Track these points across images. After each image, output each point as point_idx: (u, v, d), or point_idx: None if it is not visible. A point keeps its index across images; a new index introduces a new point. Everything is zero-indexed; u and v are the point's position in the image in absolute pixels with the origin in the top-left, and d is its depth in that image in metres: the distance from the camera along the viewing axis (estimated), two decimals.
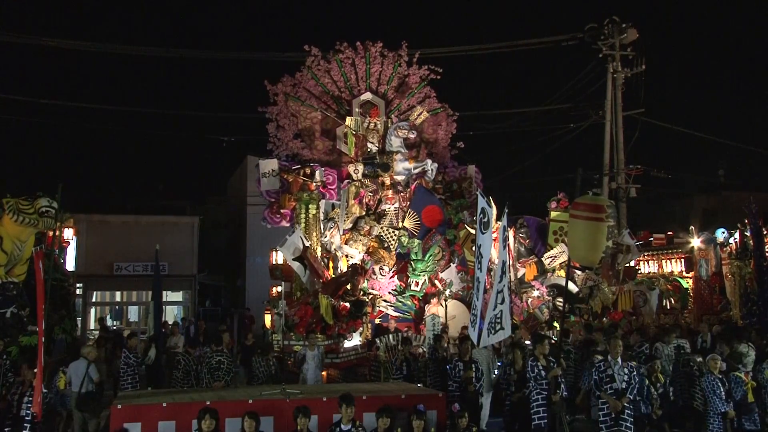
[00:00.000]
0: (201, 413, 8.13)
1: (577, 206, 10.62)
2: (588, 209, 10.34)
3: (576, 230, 10.68)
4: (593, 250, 10.37)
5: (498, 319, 10.34)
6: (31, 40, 22.44)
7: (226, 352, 12.21)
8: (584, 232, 10.39)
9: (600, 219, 10.16)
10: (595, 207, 10.35)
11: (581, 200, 10.77)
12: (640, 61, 23.61)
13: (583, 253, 10.78)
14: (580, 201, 10.72)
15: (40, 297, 8.82)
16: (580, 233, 10.55)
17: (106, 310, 29.99)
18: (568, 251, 11.77)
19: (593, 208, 10.31)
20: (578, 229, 10.56)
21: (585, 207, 10.43)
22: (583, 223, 10.41)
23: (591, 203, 10.51)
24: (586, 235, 10.36)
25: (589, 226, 10.29)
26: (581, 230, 10.50)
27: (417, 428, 8.61)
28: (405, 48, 18.29)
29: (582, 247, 10.61)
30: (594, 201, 10.67)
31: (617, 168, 23.51)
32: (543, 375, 9.86)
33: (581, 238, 10.55)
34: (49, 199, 12.43)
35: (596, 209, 10.29)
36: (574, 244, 10.90)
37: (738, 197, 25.68)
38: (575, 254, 11.06)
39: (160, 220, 29.23)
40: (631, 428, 9.41)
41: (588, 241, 10.36)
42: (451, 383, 11.21)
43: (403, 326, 15.89)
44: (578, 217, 10.48)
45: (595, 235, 10.22)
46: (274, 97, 17.86)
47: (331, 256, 16.71)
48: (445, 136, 18.83)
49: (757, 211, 17.25)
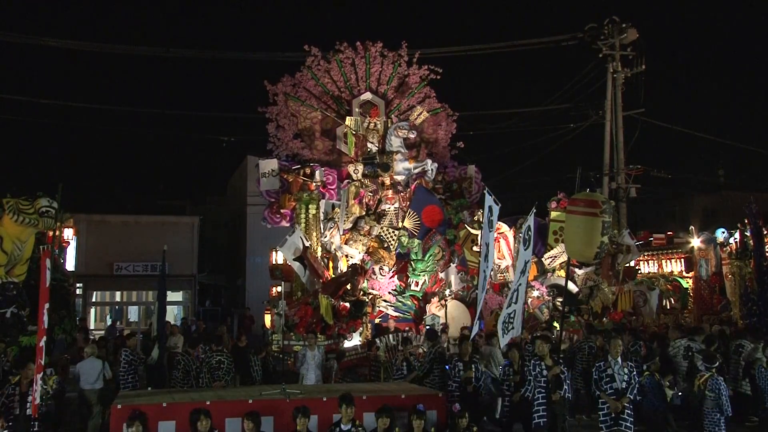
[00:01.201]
0: (195, 415, 8.12)
1: (574, 202, 10.70)
2: (583, 204, 10.39)
3: (572, 225, 10.82)
4: (588, 245, 10.38)
5: (511, 318, 10.39)
6: (31, 40, 22.45)
7: (226, 352, 12.22)
8: (579, 227, 10.47)
9: (594, 214, 10.20)
10: (590, 202, 10.39)
11: (578, 196, 10.85)
12: (640, 61, 23.62)
13: (577, 248, 10.85)
14: (577, 197, 10.81)
15: (43, 296, 8.81)
16: (575, 228, 10.67)
17: (106, 310, 30.02)
18: (565, 247, 11.84)
19: (588, 204, 10.35)
20: (574, 224, 10.68)
21: (581, 202, 10.49)
22: (578, 218, 10.49)
23: (586, 198, 10.57)
24: (581, 230, 10.43)
25: (584, 221, 10.35)
26: (576, 225, 10.62)
27: (417, 428, 8.61)
28: (405, 48, 18.29)
29: (577, 241, 10.70)
30: (589, 196, 10.72)
31: (617, 168, 23.52)
32: (544, 374, 9.86)
33: (576, 233, 10.64)
34: (49, 199, 12.42)
35: (591, 204, 10.33)
36: (569, 239, 11.02)
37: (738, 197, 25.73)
38: (570, 249, 11.14)
39: (160, 220, 29.26)
40: (631, 428, 9.40)
41: (583, 236, 10.41)
42: (450, 383, 11.21)
43: (403, 326, 15.88)
44: (574, 213, 10.57)
45: (589, 229, 10.26)
46: (274, 97, 17.85)
47: (331, 256, 16.72)
48: (445, 136, 18.83)
49: (757, 211, 17.26)
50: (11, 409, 9.18)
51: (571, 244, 10.91)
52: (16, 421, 9.16)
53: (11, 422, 9.13)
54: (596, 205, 10.30)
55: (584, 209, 10.31)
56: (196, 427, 8.03)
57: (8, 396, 9.26)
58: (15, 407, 9.21)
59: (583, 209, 10.32)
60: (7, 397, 9.24)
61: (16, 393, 9.28)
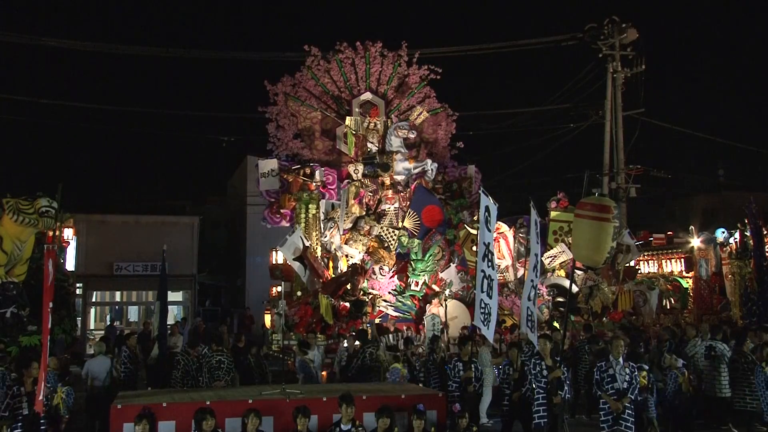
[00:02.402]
0: (200, 414, 8.11)
1: (583, 206, 10.51)
2: (594, 209, 10.24)
3: (580, 230, 10.55)
4: (597, 251, 10.25)
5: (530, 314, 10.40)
6: (31, 40, 22.43)
7: (226, 351, 12.21)
8: (589, 232, 10.27)
9: (606, 219, 10.06)
10: (600, 207, 10.25)
11: (587, 200, 10.70)
12: (639, 61, 23.62)
13: (586, 253, 10.67)
14: (585, 201, 10.64)
15: (48, 295, 8.81)
16: (584, 233, 10.42)
17: (105, 310, 30.00)
18: (573, 251, 11.75)
19: (599, 209, 10.20)
20: (583, 228, 10.44)
21: (590, 207, 10.33)
22: (588, 222, 10.29)
23: (597, 203, 10.41)
24: (591, 235, 10.24)
25: (594, 226, 10.17)
26: (586, 230, 10.37)
27: (417, 428, 8.61)
28: (405, 48, 18.30)
29: (586, 246, 10.48)
30: (600, 201, 10.56)
31: (617, 168, 23.52)
32: (544, 374, 9.85)
33: (586, 238, 10.42)
34: (49, 199, 12.41)
35: (602, 209, 10.19)
36: (578, 244, 10.80)
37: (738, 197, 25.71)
38: (579, 254, 10.95)
39: (160, 220, 29.21)
40: (631, 428, 9.39)
41: (592, 241, 10.24)
42: (450, 383, 11.21)
43: (403, 326, 15.89)
44: (583, 217, 10.41)
45: (599, 235, 10.10)
46: (274, 97, 17.86)
47: (331, 256, 16.72)
48: (444, 136, 18.84)
49: (757, 211, 17.28)
50: (19, 409, 9.18)
51: (580, 249, 10.69)
52: (25, 422, 9.16)
53: (20, 422, 9.13)
54: (607, 210, 10.14)
55: (594, 214, 10.14)
56: (201, 426, 8.03)
57: (14, 396, 9.26)
58: (23, 408, 9.21)
59: (592, 213, 10.16)
60: (12, 398, 9.24)
61: (22, 393, 9.26)
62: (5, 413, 9.14)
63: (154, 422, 8.28)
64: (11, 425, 9.08)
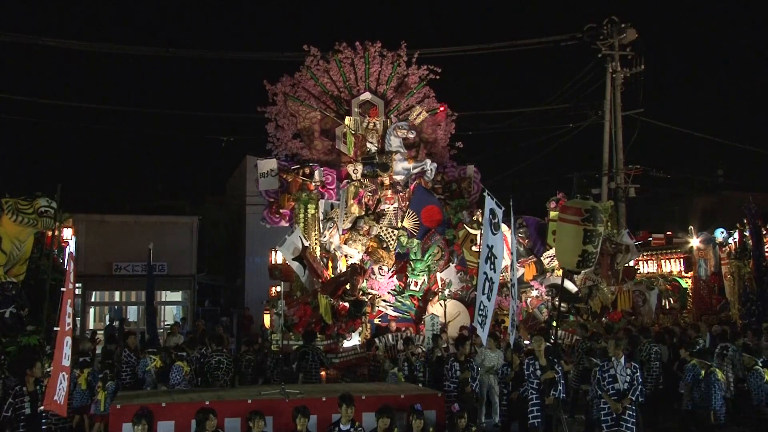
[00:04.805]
0: (203, 414, 8.10)
1: (565, 210, 10.69)
2: (571, 212, 10.37)
3: (559, 233, 10.87)
4: (570, 253, 10.31)
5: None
6: (31, 40, 22.43)
7: (226, 352, 12.22)
8: (564, 235, 10.47)
9: (576, 222, 10.12)
10: (574, 210, 10.33)
11: (569, 203, 10.88)
12: (639, 61, 23.63)
13: (561, 256, 10.94)
14: (567, 204, 10.84)
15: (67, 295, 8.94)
16: (560, 236, 10.72)
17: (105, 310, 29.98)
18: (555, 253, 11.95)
19: (572, 212, 10.31)
20: (561, 231, 10.69)
21: (570, 210, 10.47)
22: (563, 226, 10.52)
23: (572, 206, 10.52)
24: (565, 238, 10.42)
25: (567, 229, 10.32)
26: (560, 233, 10.69)
27: (416, 428, 8.62)
28: (404, 48, 18.30)
29: (561, 249, 10.79)
30: (575, 204, 10.64)
31: (616, 168, 23.53)
32: (537, 374, 9.87)
33: (561, 241, 10.69)
34: (48, 199, 12.38)
35: (575, 212, 10.25)
36: (557, 246, 11.08)
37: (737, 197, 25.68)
38: (558, 257, 11.23)
39: (159, 220, 29.17)
40: (632, 429, 9.40)
41: (566, 244, 10.38)
42: (448, 384, 11.21)
43: (402, 326, 15.89)
44: (563, 221, 10.60)
45: (572, 238, 10.19)
46: (274, 97, 17.86)
47: (331, 255, 16.71)
48: (444, 136, 18.84)
49: (756, 211, 17.29)
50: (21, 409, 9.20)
51: (558, 252, 11.03)
52: (27, 421, 9.18)
53: (23, 422, 9.16)
54: (578, 213, 10.23)
55: (568, 217, 10.32)
56: (204, 426, 8.02)
57: (16, 396, 9.29)
58: (25, 408, 9.24)
59: (569, 217, 10.31)
60: (14, 398, 9.27)
61: (24, 393, 9.30)
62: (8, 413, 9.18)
63: (153, 422, 8.27)
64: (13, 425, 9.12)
